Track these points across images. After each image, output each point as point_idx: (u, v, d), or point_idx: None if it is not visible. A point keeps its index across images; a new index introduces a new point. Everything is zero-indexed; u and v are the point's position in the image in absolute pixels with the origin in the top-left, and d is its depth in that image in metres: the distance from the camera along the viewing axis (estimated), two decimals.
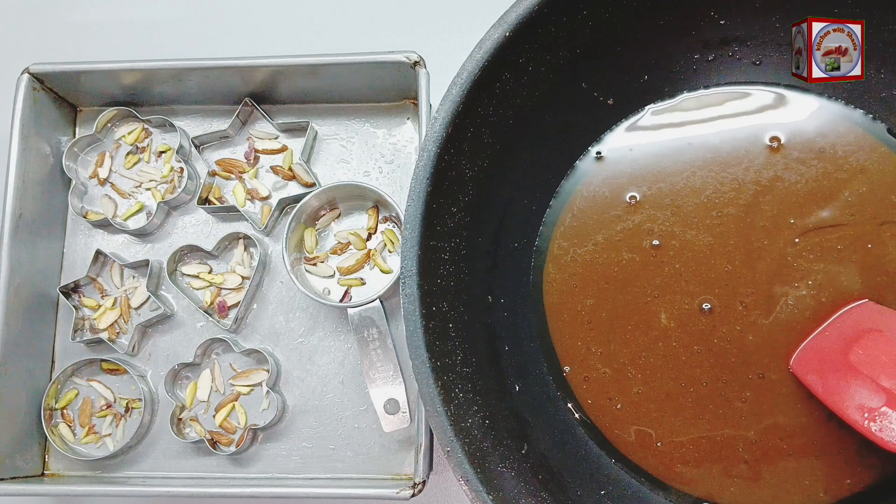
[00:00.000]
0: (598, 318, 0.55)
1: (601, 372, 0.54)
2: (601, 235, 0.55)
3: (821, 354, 0.51)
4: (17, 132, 0.59)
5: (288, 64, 0.59)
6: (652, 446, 0.53)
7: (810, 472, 0.52)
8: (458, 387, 0.46)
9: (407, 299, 0.44)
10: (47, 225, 0.62)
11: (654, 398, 0.53)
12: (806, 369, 0.51)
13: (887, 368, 0.46)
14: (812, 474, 0.52)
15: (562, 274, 0.56)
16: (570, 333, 0.55)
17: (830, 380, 0.49)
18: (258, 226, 0.61)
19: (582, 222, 0.56)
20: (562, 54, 0.50)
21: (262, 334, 0.61)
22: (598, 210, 0.56)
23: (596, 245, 0.55)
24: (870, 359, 0.47)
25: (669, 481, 0.53)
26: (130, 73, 0.60)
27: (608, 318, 0.55)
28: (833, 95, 0.54)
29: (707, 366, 0.53)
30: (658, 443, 0.53)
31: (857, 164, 0.54)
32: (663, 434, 0.53)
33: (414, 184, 0.45)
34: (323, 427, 0.59)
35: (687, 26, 0.52)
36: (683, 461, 0.53)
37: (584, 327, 0.55)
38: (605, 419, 0.54)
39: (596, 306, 0.55)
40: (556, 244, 0.56)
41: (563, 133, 0.55)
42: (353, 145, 0.63)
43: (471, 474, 0.43)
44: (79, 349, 0.61)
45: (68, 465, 0.60)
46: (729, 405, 0.53)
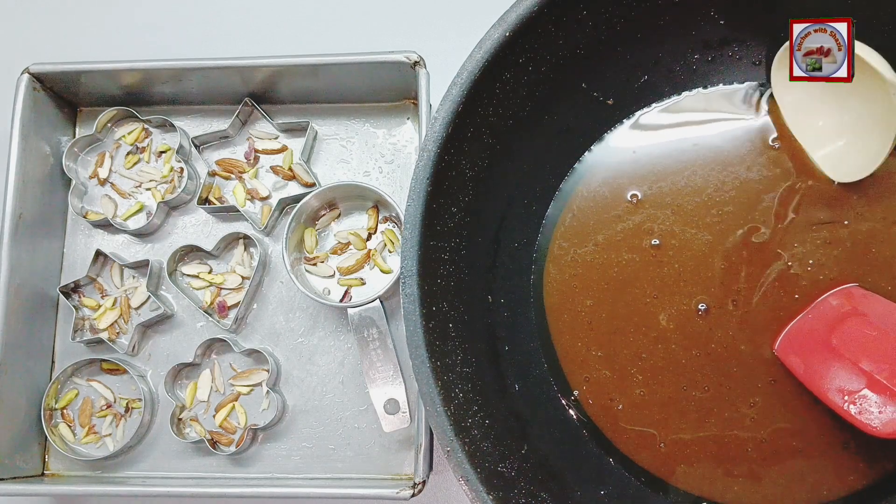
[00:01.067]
0: (599, 319, 0.55)
1: (602, 373, 0.54)
2: (601, 235, 0.55)
3: (804, 337, 0.51)
4: (17, 132, 0.59)
5: (288, 64, 0.59)
6: (653, 447, 0.53)
7: (813, 471, 0.52)
8: (458, 387, 0.46)
9: (407, 299, 0.44)
10: (47, 225, 0.62)
11: (656, 399, 0.53)
12: (789, 352, 0.52)
13: (869, 352, 0.47)
14: (814, 473, 0.52)
15: (562, 274, 0.56)
16: (570, 334, 0.55)
17: (812, 362, 0.50)
18: (258, 226, 0.61)
19: (582, 222, 0.56)
20: (562, 54, 0.50)
21: (262, 334, 0.61)
22: (598, 210, 0.56)
23: (596, 245, 0.55)
24: (852, 342, 0.48)
25: (670, 481, 0.53)
26: (130, 73, 0.60)
27: (608, 319, 0.55)
28: None
29: (707, 368, 0.53)
30: (661, 444, 0.53)
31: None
32: (665, 434, 0.53)
33: (414, 184, 0.45)
34: (323, 427, 0.59)
35: (687, 26, 0.52)
36: (685, 461, 0.53)
37: (585, 328, 0.55)
38: (605, 419, 0.54)
39: (596, 307, 0.55)
40: (557, 244, 0.56)
41: (563, 133, 0.55)
42: (353, 145, 0.63)
43: (471, 474, 0.43)
44: (79, 349, 0.61)
45: (68, 465, 0.60)
46: (731, 407, 0.53)
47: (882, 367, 0.45)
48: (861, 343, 0.47)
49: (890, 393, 0.45)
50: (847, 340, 0.48)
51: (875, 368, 0.46)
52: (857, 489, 0.51)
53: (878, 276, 0.52)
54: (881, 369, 0.45)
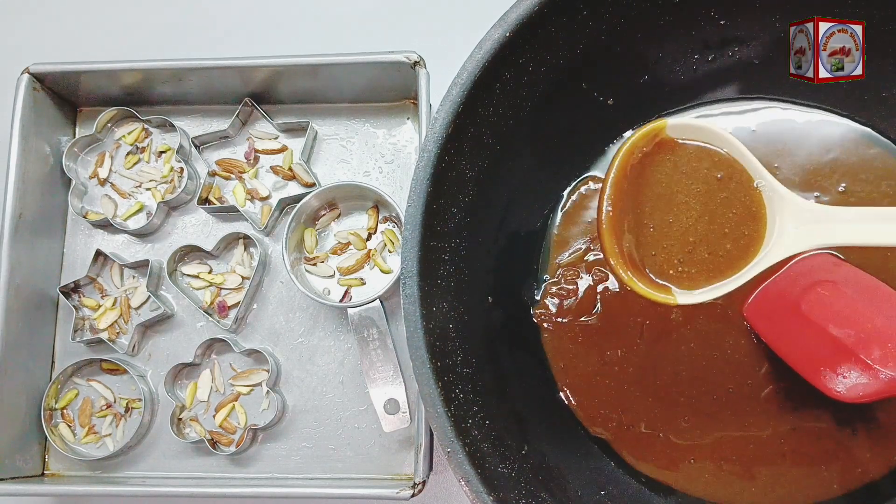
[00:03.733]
0: (594, 320, 0.55)
1: (596, 374, 0.54)
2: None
3: (773, 301, 0.51)
4: (17, 132, 0.59)
5: (288, 64, 0.59)
6: (653, 447, 0.53)
7: (816, 469, 0.52)
8: (459, 387, 0.46)
9: (407, 299, 0.44)
10: (47, 225, 0.62)
11: (656, 399, 0.53)
12: (757, 315, 0.52)
13: (836, 318, 0.46)
14: (819, 471, 0.52)
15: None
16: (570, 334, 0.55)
17: (781, 327, 0.50)
18: (258, 226, 0.61)
19: (582, 223, 0.56)
20: (562, 54, 0.50)
21: (262, 334, 0.61)
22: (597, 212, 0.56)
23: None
24: (821, 308, 0.47)
25: (671, 482, 0.53)
26: (130, 73, 0.60)
27: (608, 319, 0.55)
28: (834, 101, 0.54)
29: (707, 367, 0.53)
30: (660, 443, 0.53)
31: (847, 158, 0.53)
32: (665, 434, 0.53)
33: (414, 184, 0.45)
34: (323, 427, 0.59)
35: (687, 26, 0.52)
36: (686, 461, 0.53)
37: (585, 328, 0.55)
38: (606, 420, 0.54)
39: (592, 308, 0.55)
40: (557, 244, 0.56)
41: (563, 133, 0.55)
42: (353, 145, 0.63)
43: (471, 474, 0.43)
44: (79, 349, 0.61)
45: (68, 465, 0.60)
46: (731, 406, 0.53)
47: (848, 333, 0.45)
48: (829, 309, 0.47)
49: (855, 358, 0.45)
50: (815, 306, 0.48)
51: (842, 334, 0.46)
52: (866, 482, 0.51)
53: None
54: (847, 335, 0.46)
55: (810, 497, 0.52)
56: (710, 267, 0.46)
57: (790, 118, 0.56)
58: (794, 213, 0.45)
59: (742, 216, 0.46)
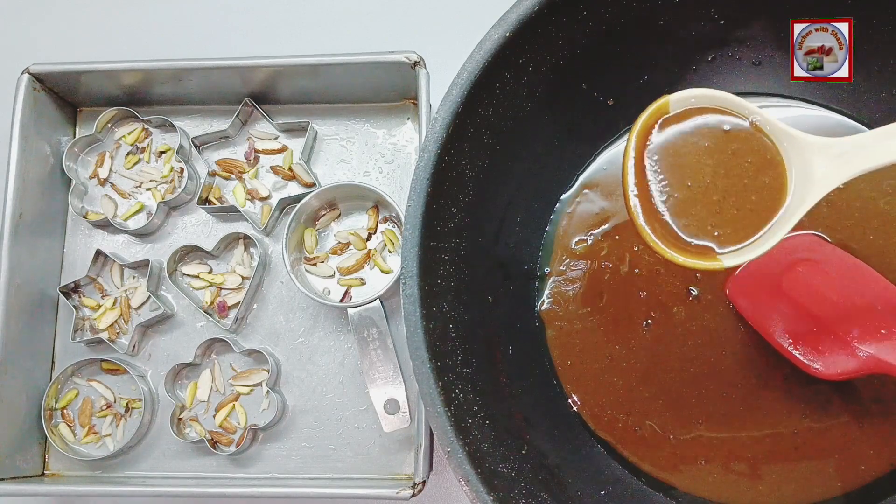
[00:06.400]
0: (598, 318, 0.55)
1: (602, 372, 0.54)
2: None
3: (755, 279, 0.51)
4: (17, 132, 0.59)
5: (288, 64, 0.59)
6: (654, 446, 0.53)
7: (815, 469, 0.52)
8: (459, 387, 0.46)
9: (407, 299, 0.44)
10: (47, 225, 0.62)
11: (656, 398, 0.53)
12: (739, 293, 0.52)
13: (817, 297, 0.47)
14: (825, 467, 0.51)
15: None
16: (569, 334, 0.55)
17: (762, 304, 0.50)
18: (258, 226, 0.61)
19: (582, 223, 0.56)
20: (562, 54, 0.50)
21: (262, 334, 0.61)
22: (597, 213, 0.56)
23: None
24: (802, 287, 0.48)
25: (671, 481, 0.53)
26: (130, 73, 0.60)
27: (608, 319, 0.55)
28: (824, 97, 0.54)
29: (715, 363, 0.53)
30: (660, 442, 0.53)
31: None
32: (666, 433, 0.53)
33: (414, 184, 0.45)
34: (323, 427, 0.59)
35: (687, 26, 0.52)
36: (687, 461, 0.53)
37: (591, 324, 0.55)
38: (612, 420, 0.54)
39: (596, 305, 0.55)
40: (557, 244, 0.56)
41: (563, 133, 0.55)
42: (353, 145, 0.63)
43: (471, 474, 0.43)
44: (79, 349, 0.61)
45: (68, 465, 0.60)
46: (732, 405, 0.53)
47: (828, 312, 0.46)
48: (810, 288, 0.48)
49: (834, 336, 0.45)
50: (797, 285, 0.48)
51: (821, 312, 0.46)
52: (868, 481, 0.51)
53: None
54: (827, 314, 0.46)
55: (816, 495, 0.51)
56: (744, 223, 0.44)
57: (790, 117, 0.56)
58: (817, 151, 0.42)
59: (758, 164, 0.44)
